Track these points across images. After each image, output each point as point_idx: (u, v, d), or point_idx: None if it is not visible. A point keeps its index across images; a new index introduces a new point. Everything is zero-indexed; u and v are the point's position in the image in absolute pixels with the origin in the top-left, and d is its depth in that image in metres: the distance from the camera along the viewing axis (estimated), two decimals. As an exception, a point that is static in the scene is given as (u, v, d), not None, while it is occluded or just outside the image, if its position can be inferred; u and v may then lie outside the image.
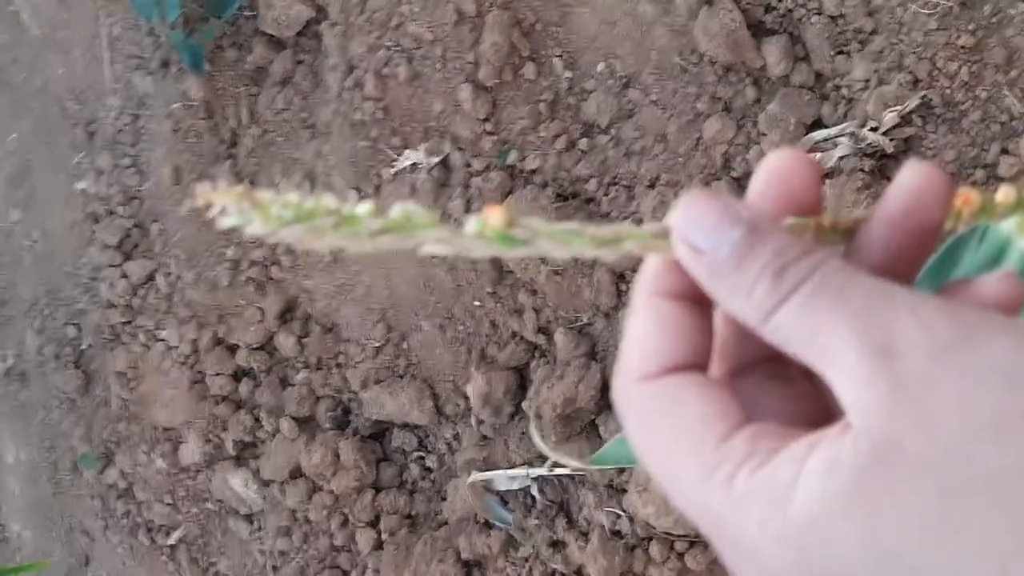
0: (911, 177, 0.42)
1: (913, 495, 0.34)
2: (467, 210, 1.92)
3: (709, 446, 0.39)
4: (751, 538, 0.37)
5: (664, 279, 0.43)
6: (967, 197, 0.43)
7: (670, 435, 0.40)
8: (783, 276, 0.38)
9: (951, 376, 0.35)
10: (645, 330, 0.42)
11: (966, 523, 0.34)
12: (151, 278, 2.39)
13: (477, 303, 1.99)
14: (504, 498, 2.00)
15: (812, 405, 0.45)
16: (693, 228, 0.40)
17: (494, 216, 0.40)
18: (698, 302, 0.43)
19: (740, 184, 1.75)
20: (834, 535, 0.35)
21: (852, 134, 1.67)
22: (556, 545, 1.94)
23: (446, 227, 0.41)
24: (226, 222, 0.40)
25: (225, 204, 0.39)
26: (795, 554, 0.36)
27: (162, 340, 2.39)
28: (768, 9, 1.75)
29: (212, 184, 0.39)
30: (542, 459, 1.93)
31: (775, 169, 0.43)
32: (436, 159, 1.96)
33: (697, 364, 0.42)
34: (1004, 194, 0.44)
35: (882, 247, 0.42)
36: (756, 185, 0.43)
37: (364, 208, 0.40)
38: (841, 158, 1.67)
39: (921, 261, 0.43)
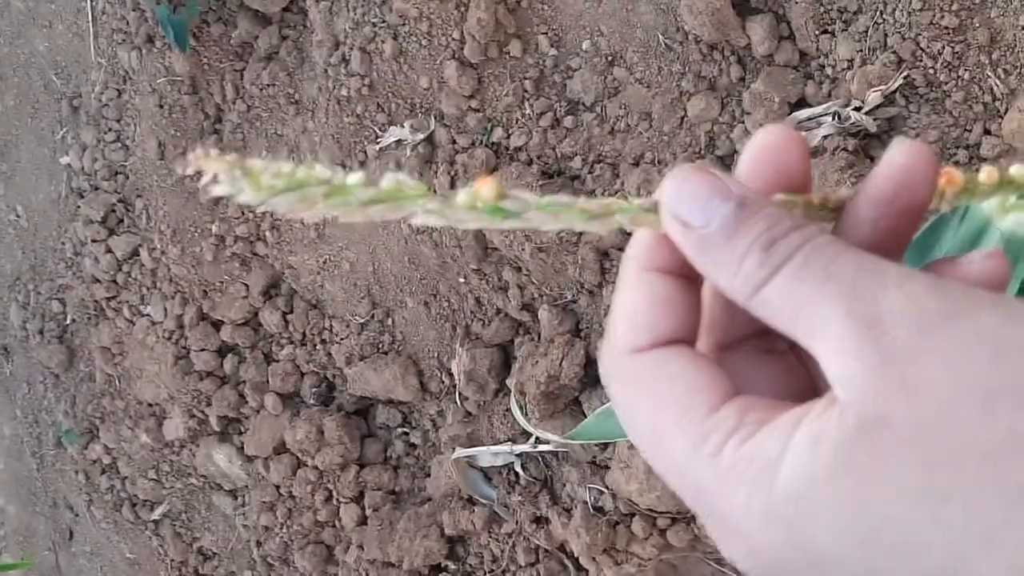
0: (899, 156, 0.42)
1: (899, 467, 0.34)
2: (452, 187, 1.92)
3: (697, 417, 0.39)
4: (737, 513, 0.37)
5: (654, 253, 0.43)
6: (951, 177, 0.43)
7: (658, 407, 0.40)
8: (772, 251, 0.38)
9: (938, 348, 0.35)
10: (634, 304, 0.42)
11: (952, 494, 0.34)
12: (135, 253, 2.39)
13: (462, 280, 1.99)
14: (488, 474, 2.01)
15: (800, 379, 0.45)
16: (683, 202, 0.40)
17: (485, 188, 0.40)
18: (687, 277, 0.43)
19: (724, 163, 1.75)
20: (820, 511, 0.35)
21: (836, 113, 1.67)
22: (539, 521, 1.95)
23: (437, 198, 0.40)
24: (217, 190, 0.39)
25: (216, 172, 0.39)
26: (781, 530, 0.36)
27: (146, 315, 2.38)
28: (753, -12, 1.75)
29: (203, 152, 0.39)
30: (526, 436, 1.94)
31: (764, 145, 0.43)
32: (421, 135, 1.96)
33: (685, 338, 0.42)
34: (987, 174, 0.44)
35: (869, 226, 0.42)
36: (746, 161, 0.43)
37: (355, 178, 0.40)
38: (824, 137, 1.67)
39: (907, 239, 0.43)
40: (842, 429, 0.35)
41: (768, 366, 0.45)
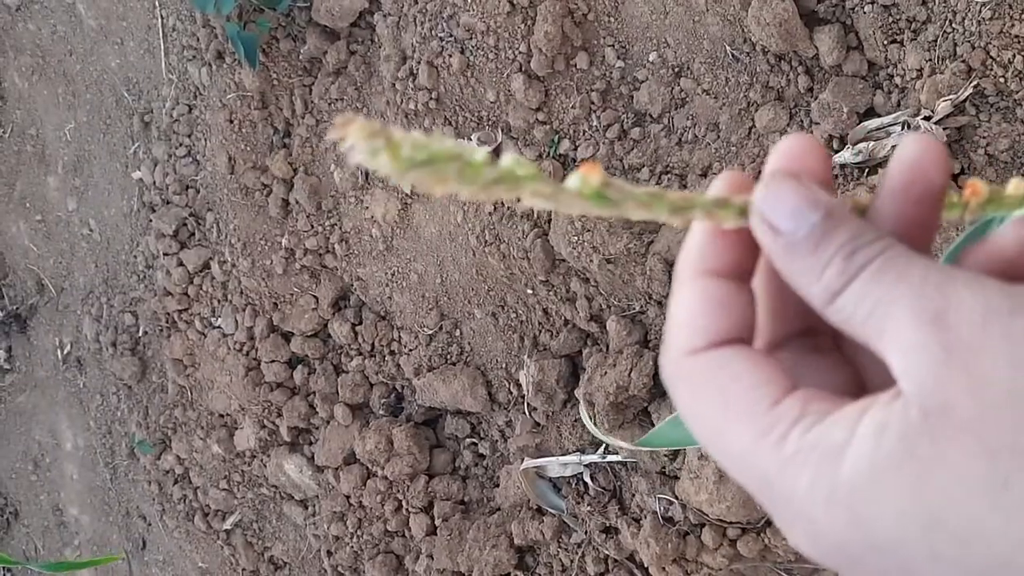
0: (908, 149, 0.43)
1: (960, 456, 0.35)
2: (518, 199, 1.92)
3: (762, 409, 0.40)
4: (801, 498, 0.38)
5: (706, 256, 0.45)
6: (975, 188, 0.44)
7: (722, 402, 0.42)
8: (853, 259, 0.40)
9: (1000, 341, 0.36)
10: (691, 307, 0.44)
11: (1011, 481, 0.35)
12: (207, 266, 2.42)
13: (529, 291, 1.99)
14: (556, 484, 2.01)
15: (846, 376, 0.47)
16: (773, 208, 0.42)
17: (593, 174, 0.41)
18: (739, 278, 0.45)
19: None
20: (884, 496, 0.36)
21: (905, 123, 1.66)
22: (609, 531, 1.95)
23: (549, 181, 0.41)
24: (356, 158, 0.39)
25: (357, 139, 0.39)
26: (845, 514, 0.37)
27: (218, 327, 2.41)
28: (821, -2, 1.74)
29: (349, 116, 0.39)
30: (595, 446, 1.94)
31: (788, 151, 0.44)
32: (488, 148, 1.97)
33: (742, 337, 0.44)
34: (1015, 186, 0.45)
35: (893, 219, 0.44)
36: (772, 166, 0.44)
37: (481, 154, 0.40)
38: (894, 147, 1.66)
39: (931, 230, 0.45)
40: (906, 419, 0.37)
41: (816, 363, 0.47)
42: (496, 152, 1.97)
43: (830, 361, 0.47)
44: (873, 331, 0.39)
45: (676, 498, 1.84)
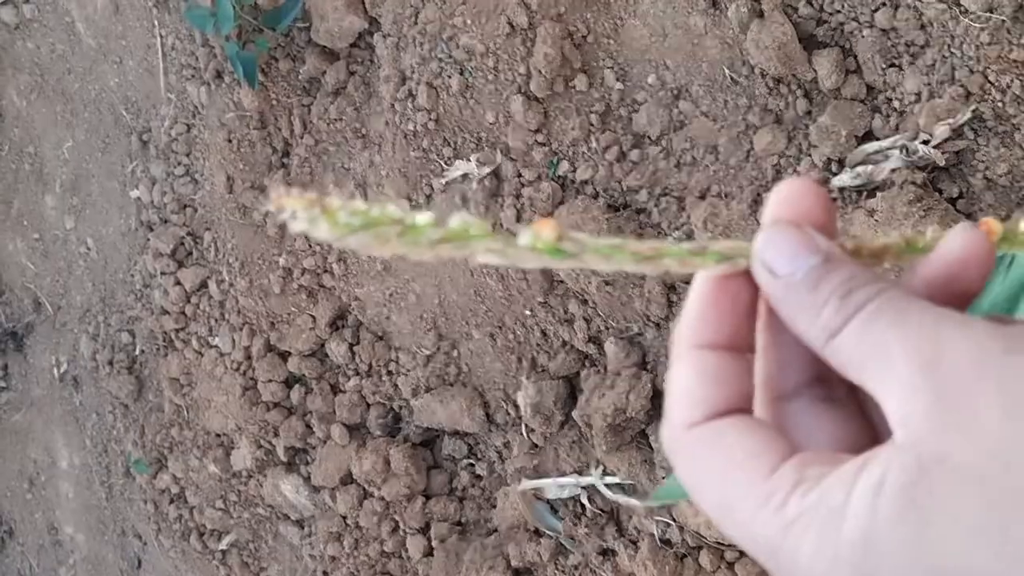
0: (958, 244, 0.44)
1: (958, 504, 0.35)
2: (518, 220, 1.93)
3: (759, 478, 0.40)
4: (806, 564, 0.38)
5: (701, 331, 0.45)
6: (989, 226, 0.44)
7: (721, 474, 0.42)
8: (848, 300, 0.41)
9: (992, 382, 0.36)
10: (687, 381, 0.45)
11: (1009, 528, 0.35)
12: (204, 285, 2.42)
13: (528, 312, 2.00)
14: (554, 506, 2.01)
15: (860, 427, 0.47)
16: (774, 253, 0.43)
17: (546, 230, 0.42)
18: (735, 350, 0.45)
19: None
20: (886, 550, 0.36)
21: (904, 147, 1.66)
22: (606, 553, 1.95)
23: (500, 238, 0.42)
24: (296, 227, 0.41)
25: (295, 209, 0.40)
26: (849, 573, 0.37)
27: (215, 347, 2.41)
28: (819, 22, 1.74)
29: (283, 190, 0.40)
30: (592, 467, 1.94)
31: (786, 195, 0.45)
32: (487, 169, 1.97)
33: (739, 407, 0.44)
34: None
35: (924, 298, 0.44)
36: (770, 211, 0.45)
37: (425, 218, 0.41)
38: (892, 171, 1.66)
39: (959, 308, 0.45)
40: (903, 470, 0.37)
41: (828, 414, 0.47)
42: (495, 173, 1.97)
43: (842, 412, 0.47)
44: (871, 376, 0.39)
45: (674, 520, 1.84)
